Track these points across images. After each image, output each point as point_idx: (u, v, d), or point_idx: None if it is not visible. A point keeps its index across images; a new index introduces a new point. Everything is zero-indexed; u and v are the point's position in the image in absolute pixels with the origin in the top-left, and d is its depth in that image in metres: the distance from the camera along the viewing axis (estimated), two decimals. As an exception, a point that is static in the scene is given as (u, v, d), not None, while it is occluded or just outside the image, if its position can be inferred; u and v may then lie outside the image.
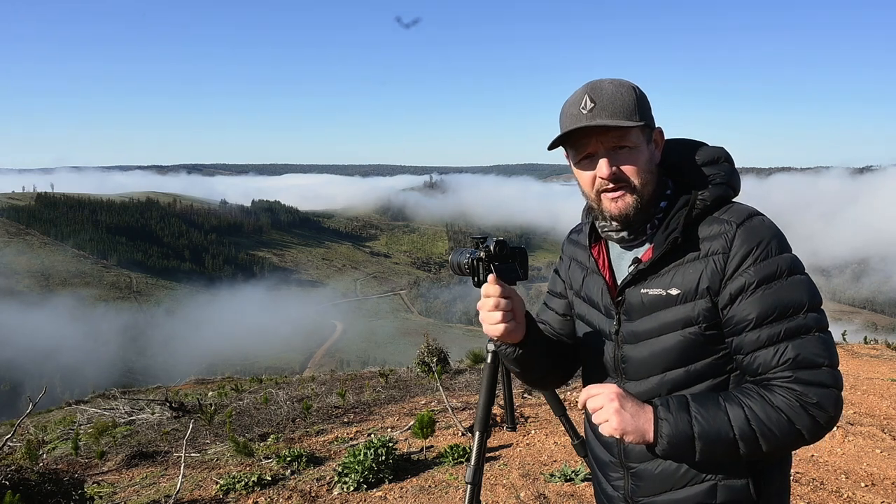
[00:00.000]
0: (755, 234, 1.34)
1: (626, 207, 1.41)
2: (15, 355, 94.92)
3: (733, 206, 1.41)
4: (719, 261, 1.35)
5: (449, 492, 4.46)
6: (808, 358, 1.27)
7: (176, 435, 7.47)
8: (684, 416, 1.28)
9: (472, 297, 10.64)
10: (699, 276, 1.36)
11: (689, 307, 1.37)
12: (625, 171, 1.40)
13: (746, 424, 1.25)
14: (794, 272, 1.32)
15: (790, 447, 1.31)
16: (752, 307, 1.31)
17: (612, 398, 1.32)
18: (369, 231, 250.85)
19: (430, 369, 10.47)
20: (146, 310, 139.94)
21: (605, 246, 1.58)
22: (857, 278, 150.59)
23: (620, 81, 1.43)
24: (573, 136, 1.41)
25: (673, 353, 1.40)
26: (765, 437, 1.26)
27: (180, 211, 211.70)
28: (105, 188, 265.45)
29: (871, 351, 12.14)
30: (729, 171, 1.46)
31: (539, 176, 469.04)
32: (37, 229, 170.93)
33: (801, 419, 1.25)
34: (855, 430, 5.87)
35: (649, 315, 1.43)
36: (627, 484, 1.51)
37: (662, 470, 1.43)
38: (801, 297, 1.30)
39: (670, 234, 1.39)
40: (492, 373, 2.01)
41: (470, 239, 2.07)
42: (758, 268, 1.32)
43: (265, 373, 23.89)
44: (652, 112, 1.46)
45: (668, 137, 1.53)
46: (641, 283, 1.44)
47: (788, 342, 1.29)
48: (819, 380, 1.26)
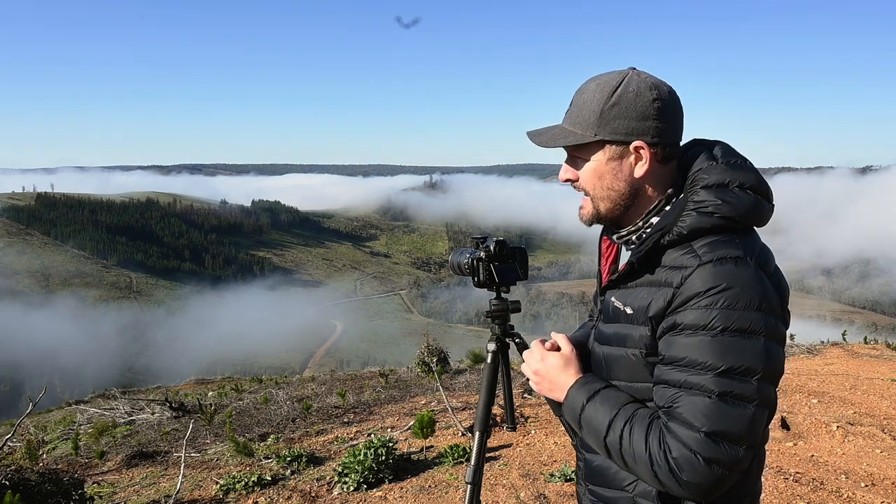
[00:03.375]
0: (713, 278, 1.22)
1: (584, 216, 1.44)
2: (15, 355, 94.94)
3: (715, 242, 1.27)
4: (668, 294, 1.27)
5: (449, 492, 4.47)
6: (687, 417, 1.20)
7: (176, 435, 7.47)
8: (582, 398, 1.39)
9: (473, 298, 10.68)
10: (649, 304, 1.31)
11: (634, 329, 1.36)
12: (581, 181, 1.41)
13: (618, 439, 1.29)
14: (733, 332, 1.20)
15: (652, 484, 1.28)
16: (670, 346, 1.26)
17: (535, 366, 1.52)
18: (369, 231, 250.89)
19: (430, 369, 10.48)
20: (146, 310, 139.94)
21: None
22: (860, 278, 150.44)
23: (609, 83, 1.33)
24: None
25: (619, 365, 1.41)
26: (625, 459, 1.29)
27: (180, 211, 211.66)
28: (107, 188, 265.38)
29: (871, 351, 12.14)
30: (738, 202, 1.28)
31: (540, 176, 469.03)
32: (37, 229, 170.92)
33: (659, 466, 1.21)
34: (855, 430, 5.87)
35: (612, 323, 1.45)
36: (584, 466, 1.59)
37: (598, 465, 1.50)
38: (718, 360, 1.20)
39: (636, 255, 1.36)
40: (492, 373, 2.01)
41: (470, 239, 2.07)
42: (695, 312, 1.22)
43: (265, 373, 23.90)
44: (646, 120, 1.31)
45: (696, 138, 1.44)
46: (615, 290, 1.46)
47: (682, 392, 1.23)
48: (687, 441, 1.19)
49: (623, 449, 1.28)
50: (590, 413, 1.36)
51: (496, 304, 2.05)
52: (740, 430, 1.19)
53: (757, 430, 1.22)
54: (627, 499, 1.42)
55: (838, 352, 11.80)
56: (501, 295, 2.06)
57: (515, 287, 2.13)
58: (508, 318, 2.07)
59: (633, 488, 1.40)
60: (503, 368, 2.11)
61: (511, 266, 2.03)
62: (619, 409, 1.33)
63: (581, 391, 1.41)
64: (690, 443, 1.19)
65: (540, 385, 1.52)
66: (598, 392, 1.39)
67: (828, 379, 8.55)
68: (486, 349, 2.04)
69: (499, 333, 2.06)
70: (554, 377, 1.47)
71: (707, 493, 1.21)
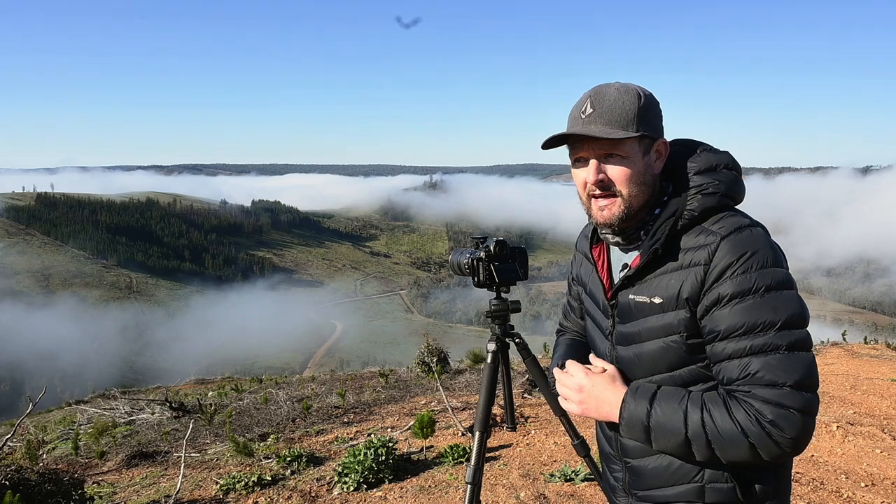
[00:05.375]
0: (739, 247, 1.32)
1: (612, 217, 1.44)
2: (15, 355, 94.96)
3: (724, 217, 1.39)
4: (700, 272, 1.34)
5: (449, 492, 4.46)
6: (768, 377, 1.27)
7: (176, 435, 7.47)
8: (644, 404, 1.36)
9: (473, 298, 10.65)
10: (680, 287, 1.37)
11: (670, 316, 1.40)
12: (613, 179, 1.42)
13: (701, 428, 1.30)
14: (774, 288, 1.30)
15: (746, 460, 1.30)
16: (723, 319, 1.32)
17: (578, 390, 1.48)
18: (369, 231, 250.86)
19: (430, 369, 10.47)
20: (146, 310, 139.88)
21: (606, 247, 1.62)
22: (862, 279, 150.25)
23: (627, 88, 1.42)
24: (569, 139, 1.44)
25: (657, 357, 1.43)
26: (717, 445, 1.29)
27: (180, 211, 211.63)
28: (108, 188, 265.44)
29: (871, 351, 12.13)
30: (728, 180, 1.43)
31: (540, 176, 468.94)
32: (37, 229, 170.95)
33: (755, 435, 1.26)
34: (855, 430, 5.86)
35: (636, 320, 1.46)
36: (626, 477, 1.57)
37: (654, 467, 1.48)
38: (774, 315, 1.28)
39: (653, 245, 1.41)
40: (492, 373, 2.01)
41: (470, 239, 2.08)
42: (734, 281, 1.31)
43: (265, 373, 23.88)
44: (660, 120, 1.45)
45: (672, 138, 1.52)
46: (630, 288, 1.48)
47: (752, 358, 1.29)
48: (777, 399, 1.26)
49: (710, 437, 1.29)
50: (660, 416, 1.35)
51: (496, 304, 2.05)
52: (811, 375, 1.29)
53: (817, 373, 1.31)
54: (695, 490, 1.43)
55: (838, 352, 11.79)
56: (501, 295, 2.06)
57: (515, 287, 2.13)
58: (508, 318, 2.08)
59: (703, 477, 1.41)
60: (503, 368, 2.12)
61: (511, 266, 2.03)
62: (686, 401, 1.34)
63: (640, 399, 1.39)
64: (781, 399, 1.26)
65: (585, 404, 1.47)
66: (655, 394, 1.38)
67: (828, 379, 8.55)
68: (487, 349, 2.04)
69: (499, 333, 2.06)
70: (600, 394, 1.45)
71: (804, 444, 1.28)
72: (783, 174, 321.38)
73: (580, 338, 1.82)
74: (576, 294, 1.80)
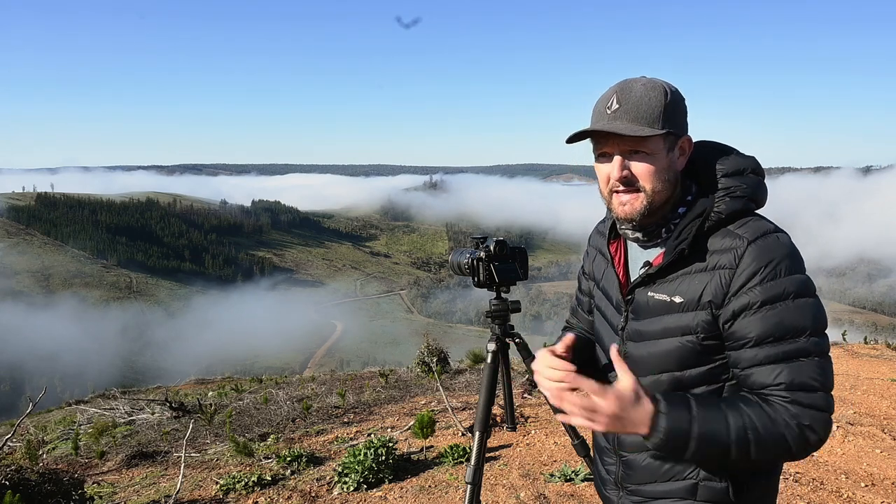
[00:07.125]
0: (766, 252, 1.33)
1: (633, 212, 1.43)
2: (16, 355, 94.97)
3: (750, 221, 1.39)
4: (725, 276, 1.35)
5: (449, 492, 4.46)
6: (805, 381, 1.29)
7: (176, 435, 7.47)
8: (685, 413, 1.29)
9: (473, 298, 10.66)
10: (703, 289, 1.37)
11: (689, 316, 1.39)
12: (638, 175, 1.41)
13: (744, 431, 1.28)
14: (802, 295, 1.32)
15: (777, 459, 1.34)
16: (754, 326, 1.32)
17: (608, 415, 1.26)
18: (369, 231, 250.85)
19: (430, 369, 10.47)
20: (146, 310, 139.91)
21: (623, 243, 1.61)
22: (863, 279, 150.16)
23: (654, 83, 1.41)
24: (594, 134, 1.43)
25: (670, 356, 1.43)
26: (758, 446, 1.28)
27: (180, 211, 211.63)
28: (109, 188, 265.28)
29: (871, 351, 12.13)
30: (754, 184, 1.43)
31: (540, 176, 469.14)
32: (37, 229, 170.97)
33: (793, 435, 1.28)
34: (855, 430, 5.86)
35: (653, 318, 1.46)
36: (619, 470, 1.57)
37: (649, 463, 1.49)
38: (804, 322, 1.31)
39: (679, 244, 1.40)
40: (492, 373, 2.01)
41: (470, 239, 2.08)
42: (764, 287, 1.31)
43: (265, 373, 23.88)
44: (685, 117, 1.45)
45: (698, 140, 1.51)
46: (650, 285, 1.47)
47: (785, 364, 1.30)
48: (814, 403, 1.29)
49: (755, 443, 1.28)
50: (704, 428, 1.28)
51: (496, 304, 2.05)
52: (832, 380, 1.33)
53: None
54: (688, 487, 1.44)
55: (838, 352, 11.78)
56: (501, 295, 2.06)
57: (515, 287, 2.13)
58: (508, 318, 2.08)
59: (697, 474, 1.42)
60: (503, 368, 2.12)
61: (511, 266, 2.04)
62: (726, 410, 1.30)
63: (678, 413, 1.28)
64: (818, 404, 1.29)
65: (614, 425, 1.28)
66: (689, 405, 1.30)
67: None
68: (487, 349, 2.04)
69: (499, 333, 2.06)
70: (630, 413, 1.28)
71: (823, 443, 1.32)
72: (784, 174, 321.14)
73: (583, 334, 1.81)
74: (586, 289, 1.79)
